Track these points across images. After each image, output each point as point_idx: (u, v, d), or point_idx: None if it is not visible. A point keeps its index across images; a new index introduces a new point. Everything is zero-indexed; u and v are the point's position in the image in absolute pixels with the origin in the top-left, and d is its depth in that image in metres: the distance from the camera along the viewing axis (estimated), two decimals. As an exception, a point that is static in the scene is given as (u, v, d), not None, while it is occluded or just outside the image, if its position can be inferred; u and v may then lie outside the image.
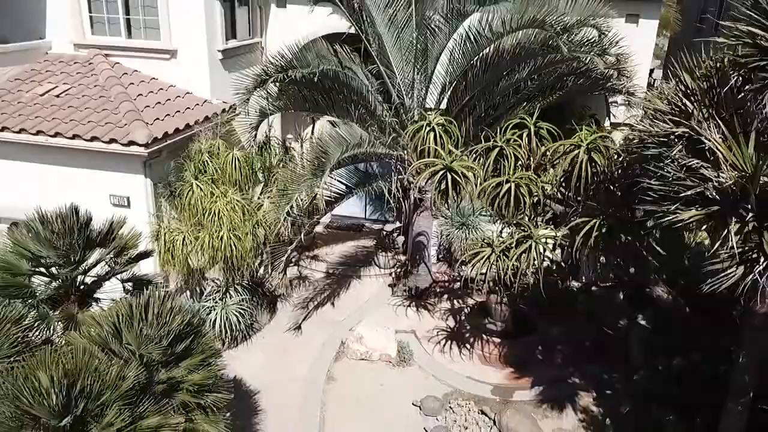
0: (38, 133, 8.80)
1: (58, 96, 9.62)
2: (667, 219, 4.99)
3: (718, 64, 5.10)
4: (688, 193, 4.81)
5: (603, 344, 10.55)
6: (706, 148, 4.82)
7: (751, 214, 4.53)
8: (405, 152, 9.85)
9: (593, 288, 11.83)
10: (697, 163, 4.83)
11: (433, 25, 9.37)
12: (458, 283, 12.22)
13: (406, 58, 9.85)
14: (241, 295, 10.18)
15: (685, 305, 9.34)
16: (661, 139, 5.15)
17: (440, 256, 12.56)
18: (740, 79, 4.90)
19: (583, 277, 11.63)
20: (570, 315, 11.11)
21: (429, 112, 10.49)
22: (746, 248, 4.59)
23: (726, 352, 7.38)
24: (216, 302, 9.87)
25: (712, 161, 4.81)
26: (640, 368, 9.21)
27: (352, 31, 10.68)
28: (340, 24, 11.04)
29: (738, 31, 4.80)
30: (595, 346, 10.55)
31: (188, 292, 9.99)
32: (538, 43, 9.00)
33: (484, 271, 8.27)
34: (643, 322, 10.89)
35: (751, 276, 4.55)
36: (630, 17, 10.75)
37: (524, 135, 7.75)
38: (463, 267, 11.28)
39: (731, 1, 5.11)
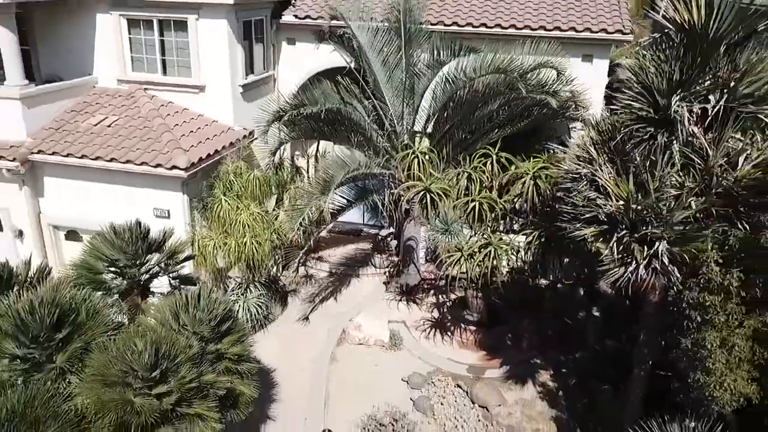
0: (97, 158, 10.86)
1: (109, 126, 11.66)
2: (575, 234, 7.03)
3: (614, 124, 7.14)
4: (588, 216, 6.84)
5: (564, 333, 12.57)
6: (601, 183, 6.86)
7: (626, 231, 6.57)
8: (396, 171, 11.87)
9: (558, 285, 13.85)
10: (595, 195, 6.87)
11: (418, 69, 11.42)
12: (443, 281, 14.24)
13: (396, 93, 11.89)
14: (259, 291, 12.21)
15: (625, 299, 11.38)
16: (573, 175, 7.19)
17: (428, 257, 14.55)
18: (625, 136, 6.93)
19: (550, 276, 13.65)
20: (537, 309, 13.11)
21: (416, 136, 12.60)
22: (624, 255, 6.63)
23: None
24: (239, 296, 11.90)
25: (605, 194, 6.85)
26: (586, 350, 11.24)
27: (353, 65, 12.75)
28: (341, 60, 13.10)
29: (624, 102, 6.85)
30: (558, 334, 12.56)
31: (215, 288, 12.01)
32: (504, 85, 11.02)
33: (456, 271, 10.35)
34: (597, 314, 12.96)
35: (626, 273, 6.58)
36: (585, 57, 12.76)
37: (488, 163, 9.78)
38: (447, 267, 13.34)
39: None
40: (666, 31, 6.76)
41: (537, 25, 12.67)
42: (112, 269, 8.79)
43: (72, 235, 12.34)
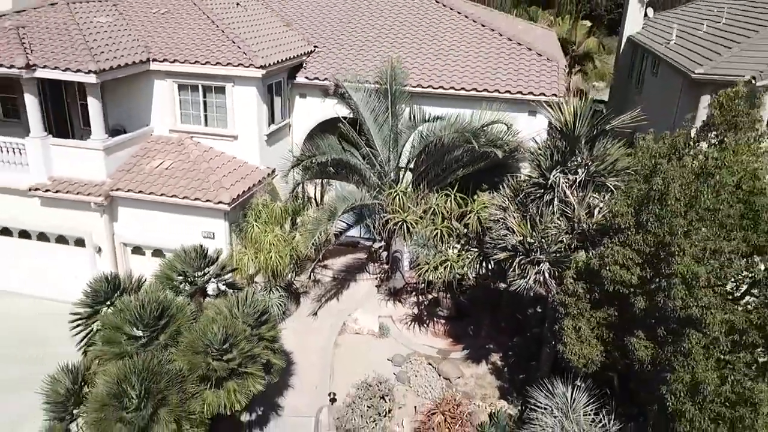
0: (161, 194, 14.66)
1: (166, 168, 15.46)
2: (495, 257, 10.83)
3: (519, 185, 10.93)
4: (501, 245, 10.64)
5: (513, 325, 16.32)
6: (509, 224, 10.66)
7: (523, 256, 10.36)
8: (385, 201, 15.63)
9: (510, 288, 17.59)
10: (505, 232, 10.66)
11: (400, 128, 15.23)
12: (422, 285, 18.01)
13: (384, 143, 15.67)
14: (279, 293, 15.97)
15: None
16: (494, 218, 10.99)
17: (411, 266, 18.31)
18: (526, 194, 10.72)
19: (508, 281, 17.43)
20: (495, 306, 16.86)
21: (400, 171, 16.38)
22: (522, 271, 10.41)
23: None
24: (264, 297, 15.66)
25: (513, 231, 10.65)
26: (522, 337, 15.02)
27: (351, 116, 16.52)
28: (343, 111, 16.86)
29: (524, 174, 10.65)
30: (509, 326, 16.32)
31: (255, 291, 15.78)
32: (463, 140, 14.78)
33: (432, 277, 14.12)
34: (539, 310, 16.72)
35: (525, 283, 10.36)
36: (531, 113, 16.54)
37: (448, 200, 13.58)
38: (423, 274, 17.10)
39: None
40: (551, 125, 10.57)
41: (493, 88, 16.49)
42: (183, 278, 12.58)
43: (137, 250, 16.15)
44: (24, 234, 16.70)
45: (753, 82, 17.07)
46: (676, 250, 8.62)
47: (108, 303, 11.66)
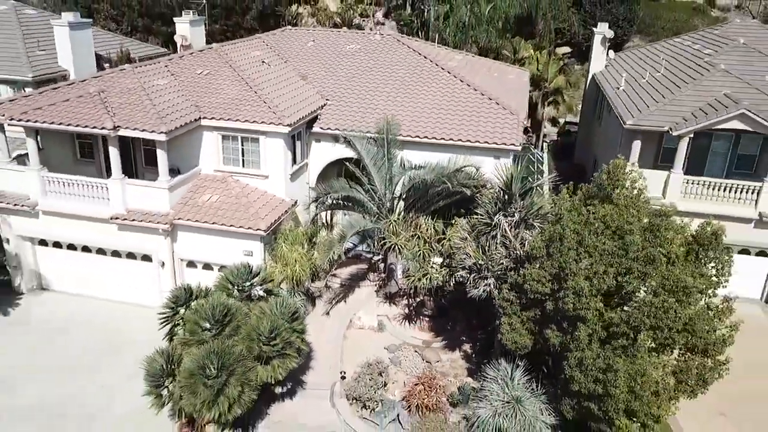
0: (213, 223, 19.37)
1: (215, 201, 20.18)
2: (459, 273, 15.55)
3: (474, 223, 15.65)
4: (463, 265, 15.37)
5: (483, 322, 21.01)
6: (467, 251, 15.38)
7: (476, 273, 15.09)
8: (383, 226, 20.33)
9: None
10: (465, 255, 15.38)
11: (393, 171, 19.95)
12: (411, 291, 22.72)
13: (381, 181, 20.37)
14: (300, 297, 20.67)
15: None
16: (457, 246, 15.71)
17: (403, 275, 22.98)
18: (478, 229, 15.44)
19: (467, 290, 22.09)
20: (471, 307, 21.54)
21: (395, 200, 21.05)
22: (476, 284, 15.14)
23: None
24: (294, 301, 20.35)
25: (470, 255, 15.37)
26: (485, 332, 19.75)
27: (356, 157, 21.23)
28: (349, 153, 21.53)
29: (478, 215, 15.40)
30: (479, 323, 21.00)
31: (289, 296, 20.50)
32: (441, 181, 19.47)
33: (419, 284, 18.84)
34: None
35: (477, 292, 15.08)
36: (496, 157, 21.23)
37: (428, 228, 18.30)
38: (412, 283, 21.81)
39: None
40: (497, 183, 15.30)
41: (466, 138, 21.23)
42: (234, 286, 17.30)
43: (190, 264, 20.87)
44: (100, 251, 21.44)
45: (670, 132, 21.84)
46: (570, 272, 13.36)
47: (185, 305, 16.42)
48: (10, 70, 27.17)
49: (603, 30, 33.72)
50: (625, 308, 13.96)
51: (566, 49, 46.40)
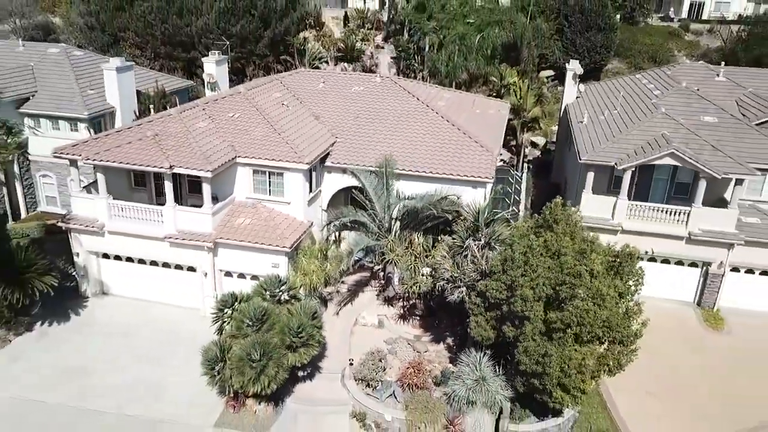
0: (242, 240, 24.39)
1: (248, 224, 25.21)
2: (440, 283, 20.60)
3: (451, 245, 20.68)
4: (443, 276, 20.41)
5: (464, 320, 26.00)
6: (445, 266, 20.41)
7: (451, 282, 20.13)
8: (383, 243, 25.33)
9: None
10: (445, 270, 20.42)
11: (390, 200, 24.99)
12: (406, 295, 27.73)
13: (381, 207, 25.41)
14: (316, 300, 25.66)
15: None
16: (438, 263, 20.76)
17: (399, 282, 28.01)
18: (454, 249, 20.47)
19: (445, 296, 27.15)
20: (456, 308, 26.54)
21: (392, 221, 26.11)
22: (452, 290, 20.19)
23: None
24: (313, 303, 25.37)
25: (447, 269, 20.40)
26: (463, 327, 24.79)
27: (360, 185, 26.26)
28: (354, 182, 26.55)
29: (453, 238, 20.46)
30: (460, 320, 25.98)
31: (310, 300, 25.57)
32: (428, 208, 24.50)
33: (412, 290, 23.89)
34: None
35: (453, 297, 20.12)
36: (473, 186, 26.23)
37: (418, 245, 23.34)
38: (406, 288, 26.83)
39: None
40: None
41: (449, 172, 26.25)
42: (267, 292, 22.30)
43: (227, 274, 25.91)
44: (153, 262, 26.46)
45: (615, 166, 26.85)
46: (518, 284, 18.38)
47: (231, 308, 21.45)
48: (69, 109, 32.20)
49: (574, 67, 38.75)
50: (561, 311, 18.97)
51: (549, 73, 51.50)
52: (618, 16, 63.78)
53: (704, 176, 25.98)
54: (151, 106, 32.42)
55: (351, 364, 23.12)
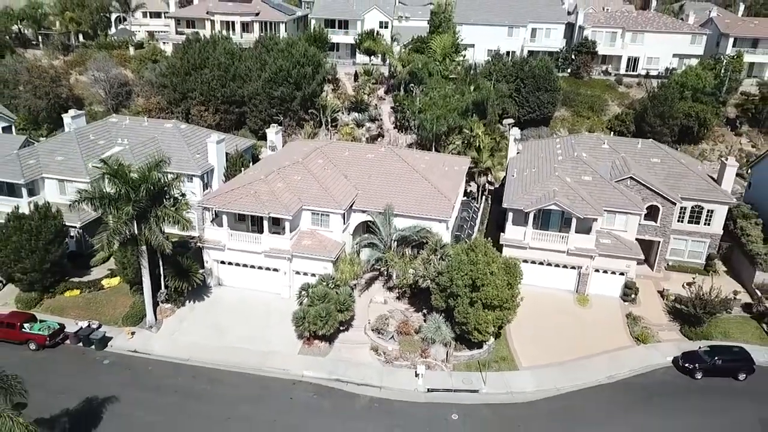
0: (306, 253, 43.04)
1: (310, 244, 43.84)
2: (426, 283, 39.29)
3: (424, 256, 39.34)
4: (420, 276, 39.09)
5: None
6: (422, 271, 39.04)
7: (429, 281, 38.85)
8: (386, 255, 43.77)
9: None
10: (422, 272, 39.07)
11: (390, 230, 43.65)
12: (402, 285, 46.23)
13: (386, 234, 44.03)
14: (349, 287, 44.10)
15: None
16: (417, 268, 39.51)
17: (396, 278, 46.50)
18: (427, 259, 39.15)
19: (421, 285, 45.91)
20: (426, 292, 45.13)
21: (391, 240, 44.96)
22: (423, 283, 38.89)
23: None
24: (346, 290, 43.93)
25: (422, 272, 39.06)
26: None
27: (373, 220, 44.84)
28: (370, 219, 45.13)
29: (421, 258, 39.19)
30: (428, 299, 44.56)
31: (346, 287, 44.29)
32: (411, 234, 43.07)
33: (403, 283, 42.51)
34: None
35: (425, 285, 38.78)
36: (439, 222, 44.83)
37: (406, 258, 41.93)
38: (402, 282, 45.21)
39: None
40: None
41: (424, 213, 44.95)
42: (324, 282, 40.92)
43: (297, 273, 44.56)
44: (252, 266, 45.01)
45: (523, 210, 45.46)
46: (455, 278, 37.03)
47: (308, 291, 40.12)
48: (186, 168, 50.64)
49: (516, 133, 57.40)
50: (478, 291, 37.54)
51: (510, 120, 70.36)
52: (568, 71, 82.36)
53: (574, 216, 44.59)
54: (242, 168, 50.87)
55: (369, 322, 41.69)
